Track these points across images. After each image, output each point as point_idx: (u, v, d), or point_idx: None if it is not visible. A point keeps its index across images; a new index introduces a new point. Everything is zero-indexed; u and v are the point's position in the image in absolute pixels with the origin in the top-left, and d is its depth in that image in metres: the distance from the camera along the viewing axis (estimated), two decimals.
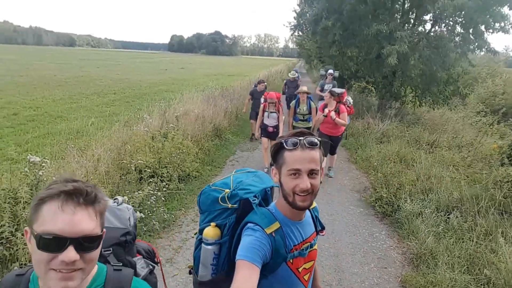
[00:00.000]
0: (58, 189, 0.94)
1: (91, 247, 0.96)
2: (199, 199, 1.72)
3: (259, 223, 1.44)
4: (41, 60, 45.65)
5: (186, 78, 29.84)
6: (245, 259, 1.32)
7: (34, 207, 0.96)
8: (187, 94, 11.03)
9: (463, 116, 12.97)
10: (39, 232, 0.92)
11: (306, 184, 1.35)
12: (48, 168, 4.16)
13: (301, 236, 1.51)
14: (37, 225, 0.94)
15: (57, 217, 0.92)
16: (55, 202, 0.93)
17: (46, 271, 0.93)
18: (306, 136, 1.41)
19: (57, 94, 17.86)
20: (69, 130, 10.11)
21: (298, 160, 1.37)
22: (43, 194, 0.95)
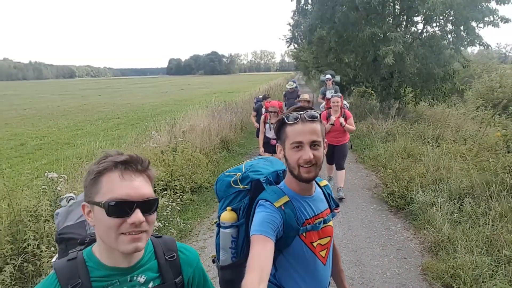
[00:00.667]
0: (113, 161, 1.02)
1: (152, 209, 1.05)
2: (216, 187, 1.80)
3: (268, 198, 1.50)
4: (43, 93, 46.35)
5: (187, 98, 30.20)
6: (258, 233, 1.37)
7: (91, 181, 1.03)
8: (191, 111, 11.19)
9: (464, 112, 13.04)
10: (106, 201, 0.99)
11: (309, 155, 1.40)
12: (65, 184, 4.26)
13: (312, 210, 1.55)
14: (100, 196, 1.01)
15: (120, 184, 1.00)
16: (114, 173, 1.02)
17: (117, 236, 1.01)
18: (306, 110, 1.47)
19: (62, 123, 18.13)
20: (77, 155, 10.23)
21: (299, 133, 1.42)
22: (98, 168, 1.02)
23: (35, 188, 4.61)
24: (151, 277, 1.14)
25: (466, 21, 10.32)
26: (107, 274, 1.08)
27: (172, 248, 1.23)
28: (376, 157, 7.82)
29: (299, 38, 21.40)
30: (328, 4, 12.09)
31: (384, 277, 3.96)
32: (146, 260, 1.15)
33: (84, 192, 1.06)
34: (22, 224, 3.45)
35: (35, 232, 3.35)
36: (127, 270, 1.10)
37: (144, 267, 1.14)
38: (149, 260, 1.16)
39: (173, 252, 1.23)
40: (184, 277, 1.24)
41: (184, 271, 1.24)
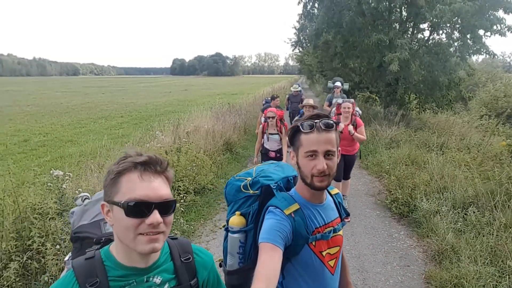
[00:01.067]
0: (133, 162, 1.03)
1: (170, 210, 1.06)
2: (225, 190, 1.80)
3: (278, 205, 1.48)
4: (47, 90, 46.50)
5: (191, 99, 30.26)
6: (267, 241, 1.37)
7: (111, 181, 1.04)
8: (196, 112, 11.21)
9: (468, 120, 13.03)
10: (125, 201, 1.00)
11: (323, 165, 1.39)
12: (70, 182, 4.26)
13: (323, 219, 1.53)
14: (119, 196, 1.02)
15: (139, 185, 1.01)
16: (133, 173, 1.02)
17: (134, 236, 1.01)
18: (322, 119, 1.45)
19: (65, 120, 18.20)
20: (81, 153, 10.26)
21: (314, 142, 1.41)
22: (118, 168, 1.03)
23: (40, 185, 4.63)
24: (167, 279, 1.15)
25: (473, 29, 10.32)
26: (125, 274, 1.09)
27: (188, 250, 1.24)
28: (379, 163, 7.81)
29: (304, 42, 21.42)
30: (335, 9, 12.11)
31: (387, 284, 3.95)
32: (162, 261, 1.16)
33: (104, 192, 1.07)
34: (28, 221, 3.45)
35: (41, 230, 3.35)
36: (144, 271, 1.11)
37: (160, 268, 1.15)
38: (165, 261, 1.17)
39: (189, 254, 1.23)
40: (199, 279, 1.24)
41: (199, 274, 1.25)
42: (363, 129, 5.43)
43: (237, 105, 14.29)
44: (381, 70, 12.06)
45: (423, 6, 10.46)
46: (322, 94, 28.82)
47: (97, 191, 4.84)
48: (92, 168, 5.56)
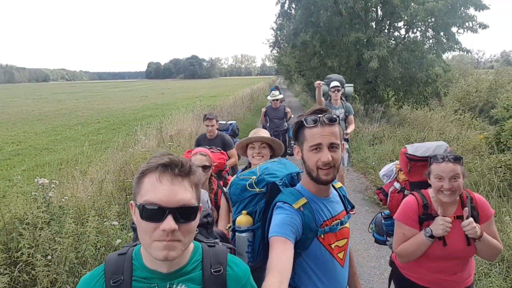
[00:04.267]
0: (156, 162, 0.99)
1: (189, 217, 0.99)
2: (229, 191, 1.79)
3: (287, 200, 1.49)
4: (16, 97, 44.91)
5: (168, 102, 29.89)
6: (277, 235, 1.37)
7: (136, 181, 1.01)
8: (177, 115, 11.07)
9: (443, 115, 13.46)
10: (141, 203, 0.96)
11: (328, 157, 1.40)
12: (56, 191, 4.11)
13: (329, 212, 1.55)
14: (139, 197, 0.99)
15: (156, 187, 0.96)
16: (153, 174, 0.98)
17: (150, 241, 0.97)
18: (325, 113, 1.46)
19: (38, 128, 17.59)
20: (59, 160, 9.94)
21: (318, 136, 1.42)
22: (143, 168, 1.00)
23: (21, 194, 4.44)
24: None
25: (447, 26, 10.67)
26: (148, 276, 1.06)
27: (221, 261, 1.16)
28: (364, 159, 7.93)
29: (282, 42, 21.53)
30: (312, 8, 12.26)
31: (382, 278, 4.00)
32: (191, 270, 1.10)
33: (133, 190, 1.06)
34: (16, 232, 3.30)
35: (30, 241, 3.20)
36: (167, 276, 1.06)
37: (186, 276, 1.08)
38: (194, 269, 1.10)
39: (221, 266, 1.14)
40: None
41: (229, 287, 1.15)
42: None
43: (218, 107, 14.21)
44: (360, 69, 12.29)
45: (398, 5, 10.74)
46: (301, 93, 29.13)
47: (83, 199, 4.66)
48: (75, 175, 5.38)
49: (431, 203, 2.00)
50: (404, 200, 2.08)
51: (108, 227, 4.13)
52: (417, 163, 2.23)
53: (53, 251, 3.21)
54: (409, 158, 2.24)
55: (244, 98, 19.33)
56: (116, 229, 4.22)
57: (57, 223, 3.67)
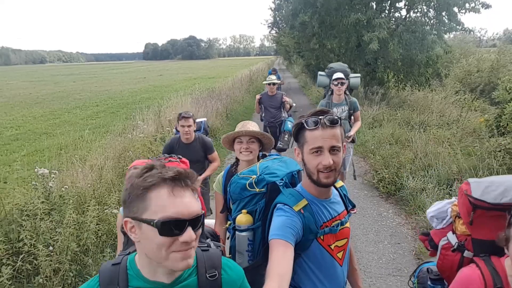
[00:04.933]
0: (161, 177, 0.96)
1: (200, 225, 1.02)
2: (229, 189, 1.79)
3: (287, 202, 1.48)
4: (12, 80, 44.47)
5: (167, 84, 29.65)
6: (278, 237, 1.36)
7: (137, 197, 0.97)
8: (175, 99, 10.99)
9: (444, 97, 13.37)
10: (159, 219, 0.94)
11: (329, 161, 1.38)
12: (56, 180, 4.12)
13: (329, 213, 1.54)
14: (150, 214, 0.95)
15: (172, 202, 0.95)
16: (163, 189, 0.96)
17: (167, 254, 0.96)
18: (326, 115, 1.43)
19: (36, 112, 17.51)
20: (58, 146, 9.92)
21: (319, 138, 1.40)
22: (145, 183, 0.95)
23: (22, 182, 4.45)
24: None
25: (448, 7, 10.46)
26: (146, 286, 1.05)
27: (215, 265, 1.17)
28: (364, 143, 7.92)
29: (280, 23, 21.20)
30: None
31: (380, 262, 4.06)
32: (187, 276, 1.11)
33: (126, 207, 1.00)
34: (16, 223, 3.32)
35: (31, 232, 3.22)
36: (166, 286, 1.06)
37: (183, 283, 1.09)
38: (189, 276, 1.11)
39: (215, 271, 1.16)
40: None
41: None
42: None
43: (216, 89, 14.10)
44: (359, 50, 12.12)
45: None
46: (300, 75, 28.86)
47: (82, 187, 4.66)
48: (75, 162, 5.37)
49: (507, 284, 1.25)
50: (463, 273, 1.37)
51: (109, 215, 4.16)
52: (486, 212, 1.39)
53: (54, 241, 3.23)
54: (474, 204, 1.40)
55: (243, 80, 19.15)
56: (116, 217, 4.26)
57: (57, 213, 3.70)
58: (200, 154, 4.01)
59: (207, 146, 4.02)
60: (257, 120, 6.70)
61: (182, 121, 3.83)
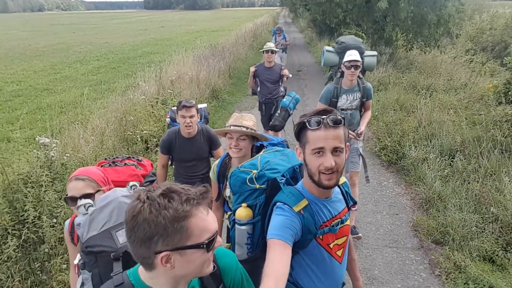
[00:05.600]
0: (193, 203, 0.97)
1: None
2: (230, 181, 1.77)
3: (287, 202, 1.47)
4: (11, 29, 43.26)
5: (168, 37, 28.83)
6: (276, 237, 1.36)
7: (178, 230, 0.95)
8: (177, 56, 10.72)
9: (454, 56, 12.94)
10: (206, 239, 1.00)
11: (331, 163, 1.35)
12: (58, 148, 4.12)
13: (330, 213, 1.53)
14: (194, 239, 0.98)
15: (208, 222, 1.01)
16: (198, 211, 0.98)
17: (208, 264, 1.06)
18: (329, 115, 1.39)
19: (37, 65, 17.22)
20: (59, 103, 9.88)
21: (321, 139, 1.36)
22: (184, 213, 0.94)
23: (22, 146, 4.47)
24: None
25: None
26: None
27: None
28: None
29: None
30: None
31: (377, 234, 4.15)
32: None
33: (160, 239, 0.95)
34: (20, 193, 3.37)
35: (35, 204, 3.28)
36: None
37: (190, 284, 1.14)
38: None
39: (214, 264, 1.19)
40: (225, 283, 1.24)
41: (225, 278, 1.24)
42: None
43: (219, 45, 13.69)
44: (368, 7, 11.57)
45: None
46: (306, 29, 27.86)
47: (85, 152, 4.67)
48: (76, 127, 5.35)
49: None
50: None
51: None
52: None
53: (57, 213, 3.29)
54: None
55: (247, 35, 18.53)
56: None
57: (60, 182, 3.74)
58: (204, 150, 3.32)
59: (212, 140, 3.30)
60: None
61: (182, 111, 3.04)
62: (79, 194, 1.78)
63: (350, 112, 3.73)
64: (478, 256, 3.54)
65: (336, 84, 3.71)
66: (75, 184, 1.82)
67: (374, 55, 4.21)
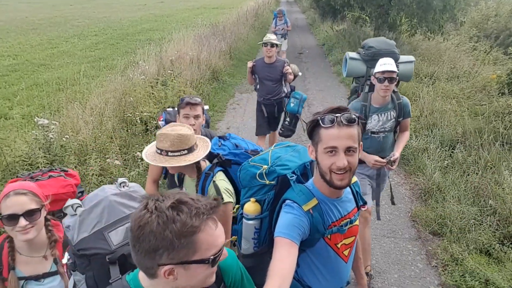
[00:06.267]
0: (202, 218, 0.94)
1: None
2: (239, 174, 1.75)
3: (297, 200, 1.46)
4: (8, 1, 42.25)
5: (168, 14, 28.19)
6: (284, 236, 1.36)
7: (185, 245, 0.92)
8: (177, 34, 10.51)
9: (458, 43, 12.77)
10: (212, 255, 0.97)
11: (343, 162, 1.33)
12: (56, 129, 4.07)
13: (339, 213, 1.52)
14: (201, 254, 0.95)
15: (215, 237, 0.98)
16: (207, 228, 0.95)
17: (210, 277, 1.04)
18: (344, 113, 1.36)
19: (33, 39, 16.86)
20: (57, 80, 9.74)
21: (334, 138, 1.34)
22: (192, 228, 0.91)
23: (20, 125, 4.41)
24: None
25: None
26: None
27: None
28: None
29: None
30: None
31: (375, 223, 4.14)
32: None
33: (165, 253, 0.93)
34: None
35: None
36: None
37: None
38: None
39: None
40: (225, 282, 1.23)
41: (225, 278, 1.22)
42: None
43: (220, 24, 13.42)
44: None
45: None
46: (309, 10, 27.32)
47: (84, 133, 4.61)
48: (75, 107, 5.28)
49: None
50: None
51: (111, 165, 4.18)
52: None
53: None
54: None
55: (248, 14, 18.16)
56: (118, 167, 4.29)
57: (59, 164, 3.71)
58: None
59: None
60: None
61: (186, 109, 2.51)
62: (22, 210, 1.52)
63: (382, 135, 2.96)
64: (475, 249, 3.57)
65: (364, 101, 2.92)
66: (15, 199, 1.53)
67: (411, 61, 3.30)
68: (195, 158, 1.86)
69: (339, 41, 13.21)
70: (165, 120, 2.98)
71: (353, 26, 13.85)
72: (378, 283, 3.32)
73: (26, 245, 1.64)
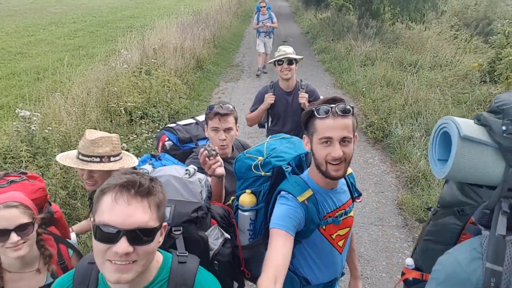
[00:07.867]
0: (115, 181, 0.94)
1: (146, 240, 0.94)
2: (235, 166, 1.73)
3: (292, 191, 1.46)
4: None
5: (149, 1, 27.53)
6: (279, 227, 1.36)
7: (96, 198, 0.96)
8: (159, 22, 10.27)
9: (439, 32, 12.94)
10: (96, 223, 0.93)
11: (338, 153, 1.33)
12: (38, 121, 3.93)
13: (334, 204, 1.53)
14: (96, 216, 0.95)
15: (111, 208, 0.92)
16: (111, 194, 0.93)
17: (103, 261, 0.94)
18: (338, 103, 1.36)
19: (9, 26, 16.20)
20: (35, 69, 9.42)
21: (329, 128, 1.34)
22: (104, 185, 0.95)
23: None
24: None
25: None
26: None
27: (187, 283, 1.08)
28: (354, 83, 7.76)
29: None
30: None
31: (363, 211, 4.23)
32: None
33: None
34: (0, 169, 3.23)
35: None
36: None
37: None
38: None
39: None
40: None
41: None
42: None
43: (203, 12, 13.18)
44: None
45: None
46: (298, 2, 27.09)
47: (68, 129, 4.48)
48: (56, 96, 5.11)
49: None
50: None
51: None
52: None
53: None
54: None
55: (231, 1, 17.92)
56: None
57: (42, 157, 3.60)
58: None
59: None
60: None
61: (215, 121, 1.99)
62: (13, 225, 1.35)
63: None
64: None
65: None
66: (5, 213, 1.36)
67: None
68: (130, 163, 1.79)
69: (323, 29, 13.19)
70: (179, 139, 2.22)
71: (336, 14, 13.82)
72: (367, 271, 3.38)
73: (17, 261, 1.47)
